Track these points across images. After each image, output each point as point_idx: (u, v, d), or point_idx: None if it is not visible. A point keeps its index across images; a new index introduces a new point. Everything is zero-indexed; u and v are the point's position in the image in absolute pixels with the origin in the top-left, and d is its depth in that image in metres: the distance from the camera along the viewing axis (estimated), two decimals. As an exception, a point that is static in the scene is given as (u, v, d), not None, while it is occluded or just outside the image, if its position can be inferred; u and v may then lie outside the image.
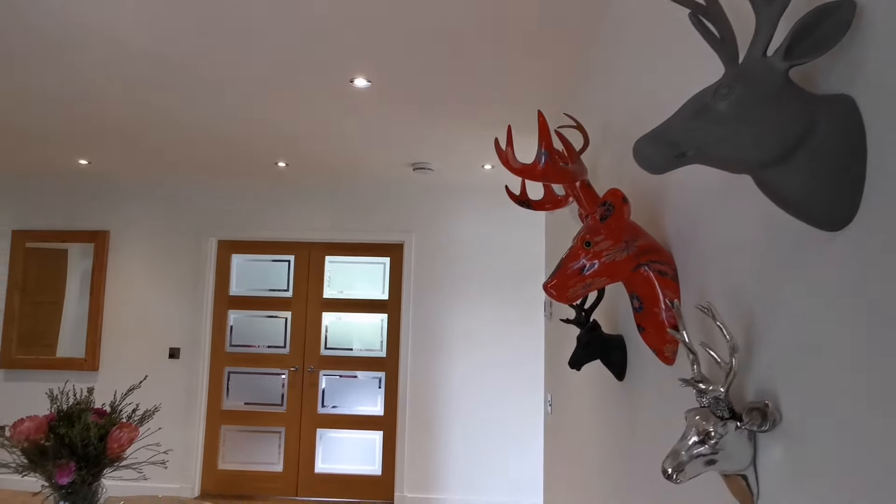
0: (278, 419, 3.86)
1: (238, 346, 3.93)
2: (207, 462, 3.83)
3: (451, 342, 3.75)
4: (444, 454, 3.68)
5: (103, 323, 3.93)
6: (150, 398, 1.76)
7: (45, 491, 1.55)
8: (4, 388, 3.94)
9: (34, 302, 4.02)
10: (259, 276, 3.98)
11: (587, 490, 1.67)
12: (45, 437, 1.47)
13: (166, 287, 3.94)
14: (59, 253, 4.06)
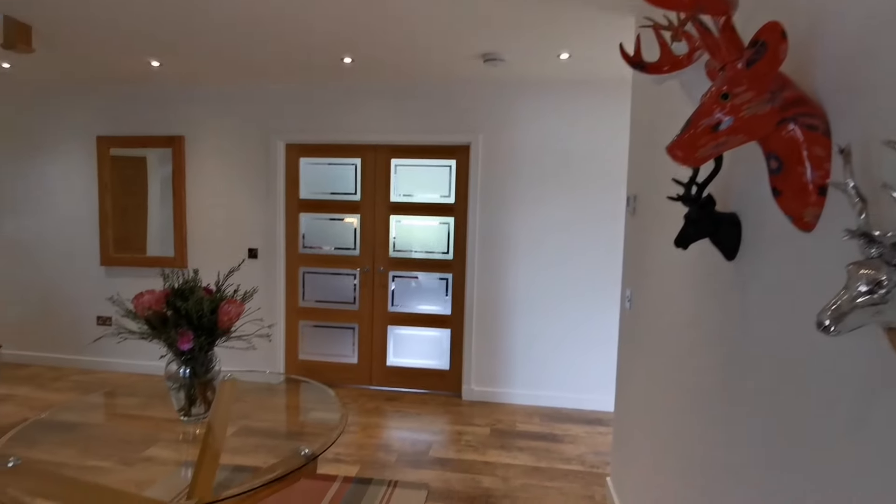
0: (351, 316, 4.07)
1: (310, 248, 4.09)
2: (289, 353, 4.16)
3: (518, 244, 3.74)
4: (511, 351, 3.80)
5: (187, 225, 4.17)
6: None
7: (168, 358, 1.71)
8: (107, 283, 4.34)
9: (121, 208, 4.29)
10: (327, 180, 4.03)
11: (673, 380, 1.67)
12: (164, 309, 1.60)
13: (242, 190, 4.08)
14: (139, 161, 4.24)
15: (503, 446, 3.12)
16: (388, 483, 2.66)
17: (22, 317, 4.49)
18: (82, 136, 4.25)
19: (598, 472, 2.83)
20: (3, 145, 4.38)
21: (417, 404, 3.77)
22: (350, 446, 3.08)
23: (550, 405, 3.78)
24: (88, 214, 4.31)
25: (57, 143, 4.30)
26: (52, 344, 4.47)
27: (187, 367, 1.68)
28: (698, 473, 1.41)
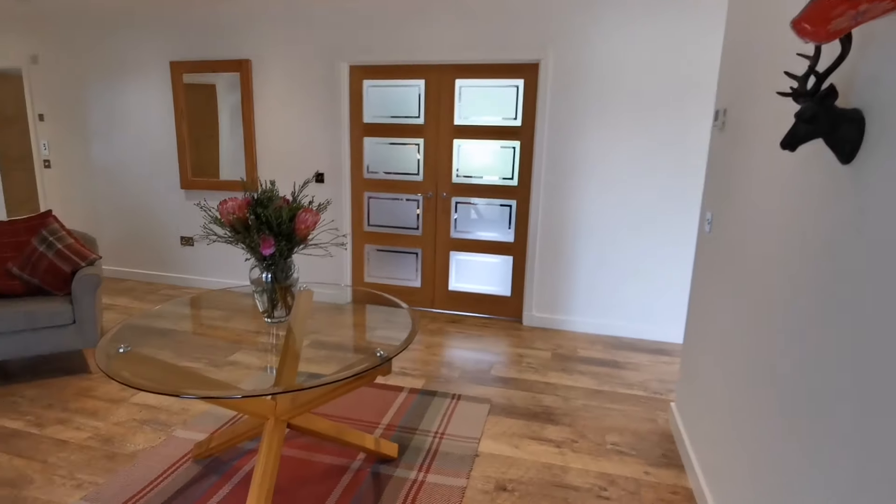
0: (415, 241, 4.13)
1: (374, 173, 4.11)
2: (356, 277, 4.31)
3: (587, 168, 3.58)
4: (574, 279, 3.76)
5: (256, 149, 4.28)
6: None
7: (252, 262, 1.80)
8: (186, 206, 4.60)
9: (195, 136, 4.45)
10: (391, 104, 3.97)
11: (761, 305, 1.58)
12: (246, 215, 1.66)
13: (308, 115, 4.11)
14: (209, 88, 4.33)
15: (564, 369, 3.16)
16: (452, 396, 2.77)
17: (117, 236, 4.89)
18: (158, 61, 4.37)
19: (661, 398, 2.82)
20: (93, 72, 4.59)
21: (478, 327, 3.85)
22: (415, 362, 3.22)
23: (613, 334, 3.75)
24: (168, 140, 4.51)
25: (138, 68, 4.45)
26: (144, 261, 4.86)
27: (269, 272, 1.76)
28: (789, 407, 1.35)
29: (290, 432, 2.40)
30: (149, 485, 2.00)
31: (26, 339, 2.72)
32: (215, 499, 1.93)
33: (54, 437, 2.34)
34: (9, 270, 2.91)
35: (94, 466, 2.13)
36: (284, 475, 2.08)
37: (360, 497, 1.95)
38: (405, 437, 2.37)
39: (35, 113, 4.86)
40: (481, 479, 2.10)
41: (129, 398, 2.70)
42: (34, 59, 4.75)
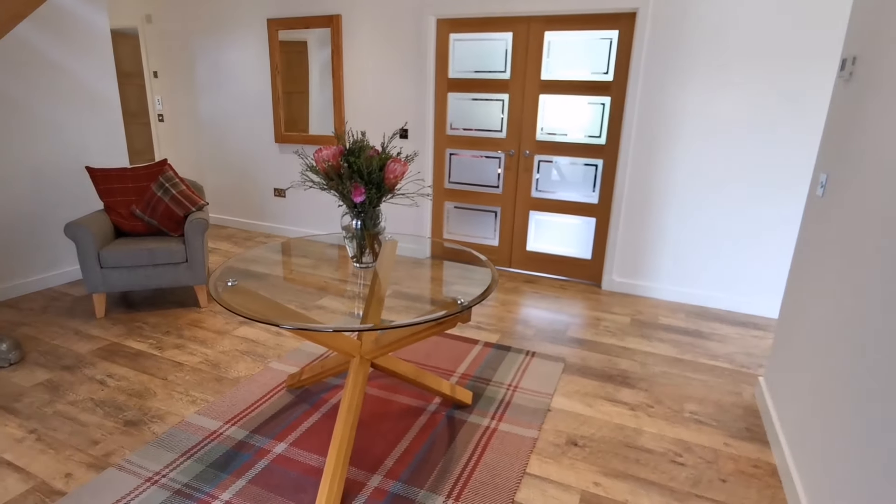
0: (494, 199, 4.12)
1: (456, 129, 4.11)
2: (435, 232, 4.40)
3: (682, 128, 3.35)
4: (660, 245, 3.60)
5: (345, 104, 4.41)
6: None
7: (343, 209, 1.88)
8: (280, 158, 4.87)
9: (287, 92, 4.65)
10: (476, 58, 3.90)
11: (883, 278, 1.44)
12: (339, 163, 1.74)
13: (394, 70, 4.15)
14: (301, 45, 4.48)
15: (643, 335, 3.08)
16: (526, 352, 2.81)
17: (219, 185, 5.30)
18: (256, 18, 4.57)
19: (747, 372, 2.68)
20: (199, 30, 4.90)
21: (556, 289, 3.83)
22: (490, 317, 3.27)
23: (698, 304, 3.57)
24: (264, 96, 4.76)
25: (238, 26, 4.69)
26: (241, 210, 5.26)
27: (359, 219, 1.85)
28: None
29: (373, 372, 2.56)
30: (250, 406, 2.24)
31: (148, 274, 3.07)
32: (306, 425, 2.12)
33: (172, 359, 2.66)
34: (133, 212, 3.26)
35: (205, 387, 2.41)
36: (367, 411, 2.23)
37: (436, 437, 2.06)
38: (479, 386, 2.45)
39: (150, 70, 5.29)
40: (553, 432, 2.14)
41: (232, 331, 2.99)
42: (148, 18, 5.13)
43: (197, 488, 1.76)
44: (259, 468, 1.86)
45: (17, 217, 3.36)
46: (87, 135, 3.69)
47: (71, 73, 3.54)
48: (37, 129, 3.40)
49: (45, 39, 3.37)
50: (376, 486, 1.79)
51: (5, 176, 3.28)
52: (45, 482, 1.79)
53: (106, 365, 2.58)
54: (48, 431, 2.06)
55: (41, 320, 3.06)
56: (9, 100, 3.24)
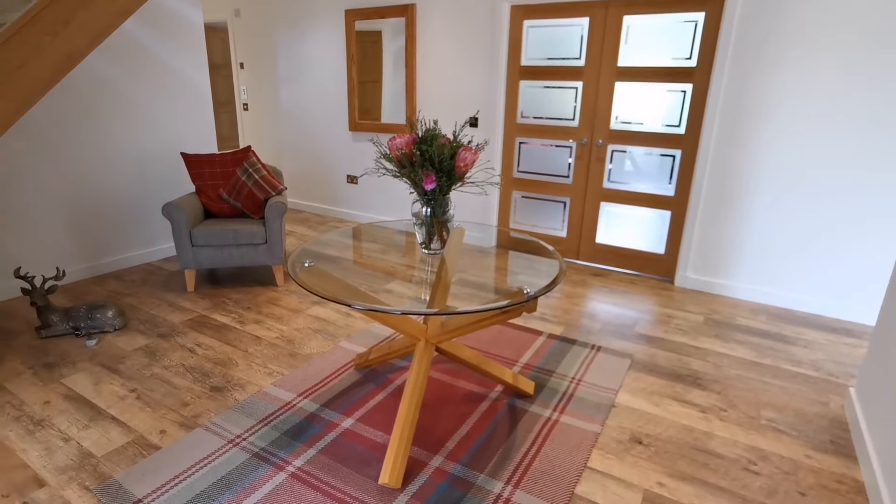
0: (563, 190, 4.04)
1: (527, 118, 4.06)
2: (502, 221, 4.39)
3: (772, 117, 3.12)
4: (742, 242, 3.39)
5: (417, 93, 4.48)
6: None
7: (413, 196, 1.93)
8: (353, 146, 5.03)
9: (361, 81, 4.78)
10: (550, 45, 3.82)
11: None
12: (412, 151, 1.78)
13: (466, 58, 4.15)
14: (375, 35, 4.57)
15: (718, 336, 2.93)
16: (591, 346, 2.76)
17: (296, 171, 5.57)
18: (335, 10, 4.72)
19: (836, 382, 2.48)
20: (283, 23, 5.14)
21: (625, 283, 3.71)
22: (555, 309, 3.24)
23: (782, 305, 3.34)
24: (339, 85, 4.93)
25: (318, 18, 4.87)
26: (316, 195, 5.50)
27: (429, 207, 1.89)
28: None
29: (437, 357, 2.62)
30: (321, 381, 2.37)
31: (231, 253, 3.30)
32: (372, 402, 2.21)
33: (252, 333, 2.85)
34: (220, 195, 3.51)
35: (280, 360, 2.57)
36: (430, 394, 2.30)
37: (497, 423, 2.09)
38: (541, 377, 2.44)
39: (237, 61, 5.62)
40: (616, 428, 2.10)
41: (306, 310, 3.15)
42: (237, 12, 5.44)
43: (273, 453, 1.89)
44: (328, 440, 1.97)
45: (123, 198, 3.72)
46: (182, 123, 4.00)
47: (169, 66, 3.84)
48: (140, 118, 3.73)
49: (147, 34, 3.67)
50: (437, 467, 1.84)
51: (114, 161, 3.62)
52: (143, 436, 2.00)
53: (195, 335, 2.81)
54: (146, 391, 2.29)
55: (141, 292, 3.38)
56: (116, 91, 3.57)
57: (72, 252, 3.50)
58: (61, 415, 2.12)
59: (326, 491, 1.72)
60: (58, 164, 3.34)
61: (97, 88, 3.46)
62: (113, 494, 1.69)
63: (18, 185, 3.17)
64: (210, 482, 1.75)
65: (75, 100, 3.36)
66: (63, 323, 2.73)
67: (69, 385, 2.33)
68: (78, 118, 3.39)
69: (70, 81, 3.32)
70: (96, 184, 3.56)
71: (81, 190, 3.48)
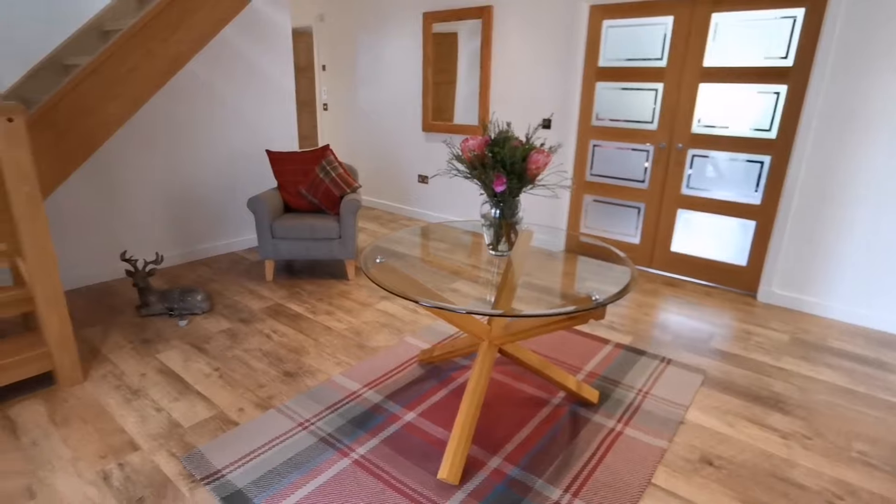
0: (638, 195, 3.90)
1: (602, 120, 3.95)
2: (572, 225, 4.31)
3: (878, 125, 2.84)
4: (836, 256, 3.11)
5: (490, 94, 4.49)
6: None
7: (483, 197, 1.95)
8: (425, 146, 5.13)
9: (436, 82, 4.85)
10: (630, 45, 3.70)
11: None
12: (484, 152, 1.79)
13: (541, 59, 4.11)
14: (451, 36, 4.63)
15: (806, 358, 2.71)
16: (661, 359, 2.65)
17: (370, 170, 5.76)
18: (413, 13, 4.84)
19: (945, 418, 2.23)
20: (363, 26, 5.34)
21: (700, 295, 3.52)
22: (624, 318, 3.14)
23: (883, 329, 3.04)
24: (414, 86, 5.04)
25: (397, 20, 5.01)
26: (388, 194, 5.65)
27: (498, 208, 1.90)
28: None
29: (500, 358, 2.62)
30: (386, 374, 2.44)
31: (308, 246, 3.47)
32: (434, 398, 2.26)
33: (323, 323, 2.99)
34: (299, 191, 3.70)
35: (349, 351, 2.68)
36: (491, 394, 2.30)
37: (558, 430, 2.06)
38: (606, 387, 2.38)
39: (319, 64, 5.89)
40: (685, 446, 2.01)
41: (374, 304, 3.26)
42: (321, 17, 5.71)
43: (338, 439, 1.98)
44: (391, 431, 2.03)
45: (214, 191, 4.02)
46: (267, 122, 4.26)
47: (259, 69, 4.10)
48: (231, 117, 4.01)
49: (240, 39, 3.94)
50: (495, 467, 1.85)
51: (208, 157, 3.93)
52: (224, 412, 2.15)
53: (272, 322, 2.99)
54: (228, 371, 2.47)
55: (226, 279, 3.64)
56: (212, 92, 3.86)
57: (169, 239, 3.83)
58: (155, 387, 2.33)
59: (386, 480, 1.78)
60: (160, 158, 3.66)
61: (196, 89, 3.76)
62: (196, 463, 1.84)
63: (127, 177, 3.52)
64: (281, 461, 1.86)
65: (177, 100, 3.68)
66: (159, 303, 3.00)
67: (163, 360, 2.55)
68: (179, 117, 3.71)
69: (173, 83, 3.63)
70: (191, 177, 3.87)
71: (179, 182, 3.80)
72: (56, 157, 2.42)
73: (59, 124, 2.40)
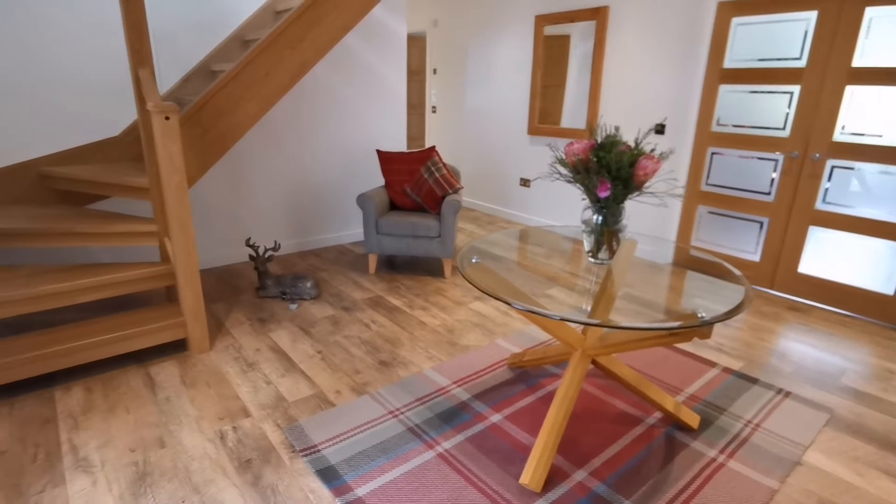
0: (762, 208, 3.55)
1: (724, 126, 3.65)
2: (682, 237, 4.03)
3: None
4: None
5: (600, 98, 4.34)
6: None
7: (587, 203, 1.90)
8: (529, 149, 5.09)
9: (544, 85, 4.79)
10: (762, 44, 3.38)
11: None
12: (588, 157, 1.75)
13: (657, 62, 3.90)
14: (563, 39, 4.54)
15: (966, 408, 2.30)
16: (777, 390, 2.39)
17: (472, 171, 5.84)
18: (525, 16, 4.82)
19: None
20: (475, 30, 5.43)
21: (831, 324, 3.13)
22: (736, 341, 2.88)
23: None
24: (522, 89, 5.02)
25: (508, 24, 5.04)
26: (488, 196, 5.69)
27: (600, 214, 1.84)
28: None
29: (592, 370, 2.54)
30: (475, 373, 2.47)
31: (408, 243, 3.61)
32: (521, 403, 2.24)
33: (418, 318, 3.09)
34: (404, 190, 3.86)
35: (440, 347, 2.74)
36: (581, 405, 2.24)
37: (650, 451, 1.95)
38: (709, 413, 2.20)
39: (431, 67, 6.08)
40: (800, 490, 1.80)
41: (468, 304, 3.31)
42: (435, 22, 5.89)
43: (425, 431, 2.04)
44: (476, 430, 2.05)
45: (327, 187, 4.32)
46: (379, 123, 4.49)
47: (374, 72, 4.33)
48: (347, 118, 4.29)
49: (359, 45, 4.19)
50: (580, 481, 1.79)
51: (324, 154, 4.23)
52: (323, 392, 2.31)
53: (371, 312, 3.15)
54: (329, 355, 2.64)
55: (333, 269, 3.90)
56: (332, 94, 4.15)
57: (286, 229, 4.19)
58: (266, 362, 2.56)
59: (468, 477, 1.80)
60: (282, 154, 4.02)
61: (317, 91, 4.07)
62: (297, 435, 2.00)
63: (253, 170, 3.90)
64: (371, 444, 1.96)
65: (300, 101, 4.00)
66: (275, 287, 3.29)
67: (274, 339, 2.80)
68: (301, 116, 4.04)
69: (298, 85, 3.96)
70: (309, 173, 4.20)
71: (298, 178, 4.14)
72: (200, 152, 2.75)
73: (204, 122, 2.73)
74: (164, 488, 1.73)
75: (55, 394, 2.25)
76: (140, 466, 1.83)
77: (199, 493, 1.71)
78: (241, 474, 1.80)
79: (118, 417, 2.10)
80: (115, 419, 2.09)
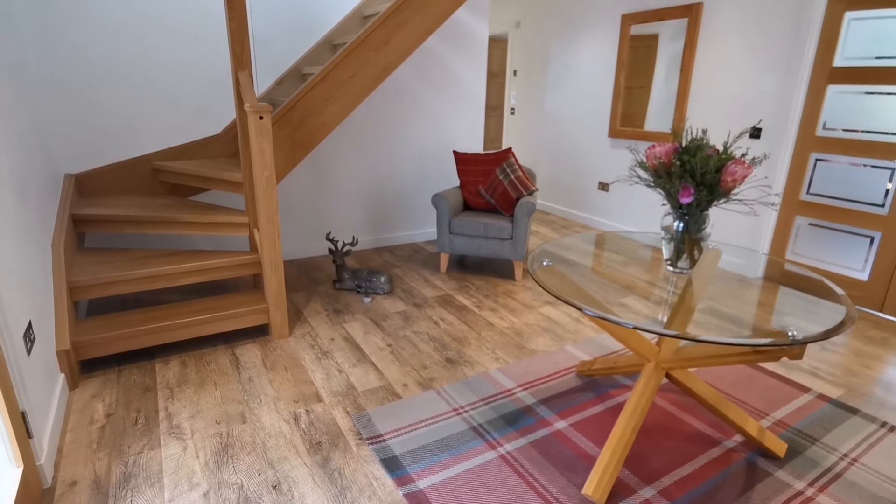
0: (873, 222, 3.21)
1: (832, 130, 3.33)
2: (775, 249, 3.73)
3: None
4: None
5: (689, 100, 4.12)
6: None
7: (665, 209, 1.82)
8: (609, 152, 4.93)
9: (628, 87, 4.61)
10: (882, 40, 3.05)
11: None
12: (671, 161, 1.67)
13: (754, 61, 3.64)
14: (651, 38, 4.35)
15: None
16: (881, 423, 2.15)
17: (549, 174, 5.75)
18: (611, 15, 4.68)
19: None
20: (558, 31, 5.35)
21: (955, 355, 2.76)
22: (835, 366, 2.62)
23: None
24: (605, 91, 4.87)
25: (592, 24, 4.91)
26: (565, 199, 5.58)
27: (682, 221, 1.76)
28: None
29: (665, 384, 2.42)
30: (541, 378, 2.44)
31: (479, 243, 3.62)
32: (588, 412, 2.18)
33: (486, 319, 3.10)
34: (479, 191, 3.88)
35: (507, 349, 2.73)
36: (651, 419, 2.14)
37: (727, 477, 1.83)
38: (798, 442, 2.03)
39: (511, 69, 6.06)
40: (903, 536, 1.61)
41: (538, 307, 3.27)
42: (518, 24, 5.86)
43: (488, 431, 2.04)
44: (539, 435, 2.03)
45: (404, 185, 4.44)
46: (457, 124, 4.54)
47: (454, 74, 4.39)
48: (425, 118, 4.38)
49: (440, 47, 4.27)
50: (647, 498, 1.72)
51: (402, 154, 4.35)
52: (391, 384, 2.38)
53: (440, 310, 3.20)
54: (398, 348, 2.72)
55: (406, 266, 4.00)
56: (412, 95, 4.26)
57: (363, 225, 4.35)
58: (339, 351, 2.68)
59: (529, 482, 1.78)
60: (363, 153, 4.18)
61: (399, 93, 4.19)
62: (364, 423, 2.08)
63: (336, 168, 4.09)
64: (434, 439, 1.99)
65: (382, 102, 4.14)
66: (351, 280, 3.44)
67: (348, 329, 2.92)
68: (382, 117, 4.18)
69: (380, 87, 4.10)
70: (387, 172, 4.33)
71: (376, 176, 4.29)
72: (288, 150, 2.93)
73: (293, 122, 2.90)
74: (244, 461, 1.87)
75: (156, 366, 2.49)
76: (224, 438, 1.98)
77: (274, 468, 1.83)
78: (312, 455, 1.90)
79: (207, 392, 2.29)
80: (205, 393, 2.28)
